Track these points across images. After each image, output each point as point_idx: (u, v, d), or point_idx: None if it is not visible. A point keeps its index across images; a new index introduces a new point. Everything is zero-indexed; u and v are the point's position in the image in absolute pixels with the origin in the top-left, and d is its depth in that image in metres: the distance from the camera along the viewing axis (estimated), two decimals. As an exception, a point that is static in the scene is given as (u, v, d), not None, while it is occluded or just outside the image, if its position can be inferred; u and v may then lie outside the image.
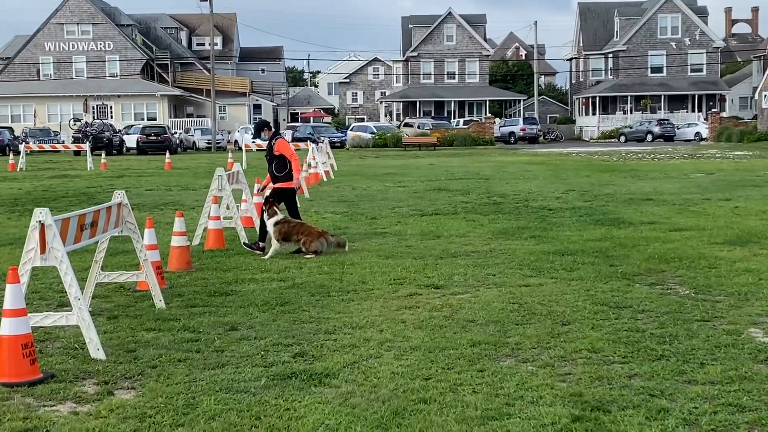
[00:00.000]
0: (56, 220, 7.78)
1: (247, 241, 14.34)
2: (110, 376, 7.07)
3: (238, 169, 16.69)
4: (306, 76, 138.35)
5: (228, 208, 15.01)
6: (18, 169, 39.32)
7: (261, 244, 13.65)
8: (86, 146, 43.86)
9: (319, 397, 6.44)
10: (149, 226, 11.16)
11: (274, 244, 13.34)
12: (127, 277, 10.11)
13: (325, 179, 30.17)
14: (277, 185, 14.41)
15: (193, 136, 71.48)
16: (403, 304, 9.64)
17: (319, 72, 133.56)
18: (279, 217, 13.51)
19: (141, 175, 35.44)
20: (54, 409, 6.33)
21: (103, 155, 43.39)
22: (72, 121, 74.66)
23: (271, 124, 14.96)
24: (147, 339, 8.26)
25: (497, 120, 78.73)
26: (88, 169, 39.76)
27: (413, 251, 13.50)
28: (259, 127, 14.84)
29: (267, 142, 14.72)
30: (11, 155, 42.37)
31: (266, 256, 13.14)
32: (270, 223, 13.47)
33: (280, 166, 14.34)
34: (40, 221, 7.57)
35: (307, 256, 13.04)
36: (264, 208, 13.83)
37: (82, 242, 8.57)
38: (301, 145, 41.28)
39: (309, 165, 28.86)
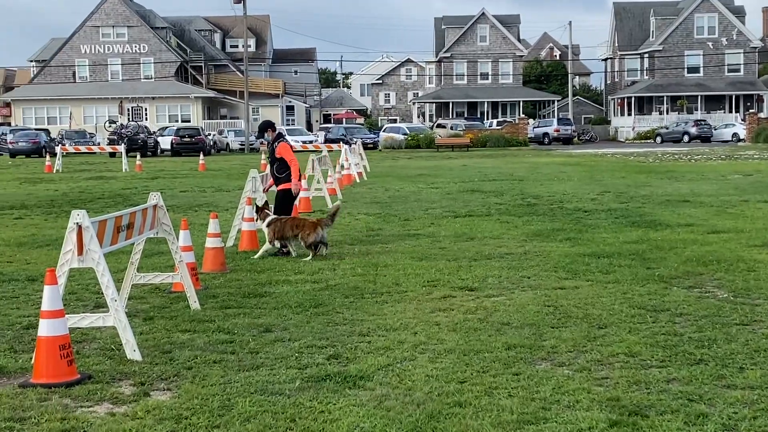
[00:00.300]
0: (93, 222, 7.84)
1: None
2: (146, 377, 7.11)
3: (269, 172, 16.69)
4: (338, 77, 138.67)
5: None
6: (54, 171, 39.72)
7: (284, 249, 13.65)
8: (121, 148, 44.18)
9: (354, 399, 6.43)
10: (184, 227, 11.21)
11: (266, 245, 13.45)
12: (162, 279, 10.16)
13: (357, 180, 30.19)
14: (281, 186, 14.52)
15: (226, 137, 71.84)
16: (437, 307, 9.61)
17: (351, 73, 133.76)
18: (271, 217, 13.58)
19: (175, 176, 35.65)
20: (91, 410, 6.36)
21: (138, 157, 43.71)
22: (107, 123, 75.33)
23: (276, 126, 15.00)
24: (182, 340, 8.29)
25: (531, 121, 78.37)
26: (123, 170, 40.08)
27: (447, 253, 13.45)
28: (263, 128, 14.97)
29: (270, 144, 14.76)
30: (48, 157, 42.80)
31: (256, 256, 13.24)
32: (263, 225, 13.55)
33: (281, 168, 14.52)
34: (77, 223, 7.62)
35: (305, 259, 12.99)
36: (256, 214, 13.84)
37: (119, 244, 8.62)
38: (334, 146, 41.32)
39: (342, 166, 28.89)
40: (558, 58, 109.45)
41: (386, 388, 6.70)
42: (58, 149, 43.89)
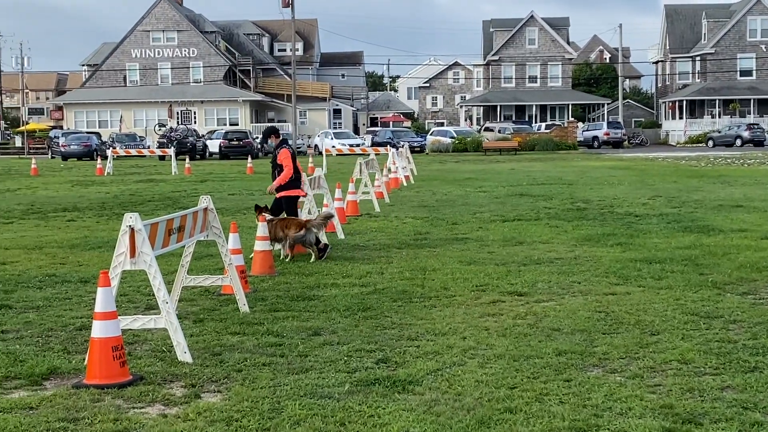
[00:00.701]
0: (145, 224, 7.90)
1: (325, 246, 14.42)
2: (197, 379, 7.15)
3: (320, 173, 16.77)
4: (385, 80, 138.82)
5: (310, 212, 15.08)
6: (105, 174, 40.23)
7: (320, 245, 13.71)
8: (171, 151, 44.61)
9: (403, 404, 6.41)
10: (233, 230, 11.27)
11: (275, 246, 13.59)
12: (212, 281, 10.23)
13: (405, 184, 30.17)
14: (280, 194, 14.47)
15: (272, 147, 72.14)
16: (486, 311, 9.56)
17: (398, 77, 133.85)
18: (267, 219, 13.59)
19: (224, 179, 35.93)
20: (143, 411, 6.41)
21: (187, 160, 44.10)
22: (157, 126, 76.14)
23: (280, 132, 14.94)
24: (232, 343, 8.33)
25: (580, 124, 77.78)
26: (173, 173, 40.47)
27: (495, 257, 13.38)
28: (266, 134, 14.91)
29: (273, 150, 14.73)
30: (99, 160, 43.36)
31: (287, 259, 13.39)
32: None
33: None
34: (130, 226, 7.69)
35: (311, 261, 13.17)
36: (256, 215, 13.93)
37: (170, 246, 8.69)
38: (381, 149, 41.34)
39: (389, 170, 28.89)
40: (608, 60, 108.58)
41: (436, 392, 6.67)
42: (109, 152, 44.42)
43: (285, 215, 14.28)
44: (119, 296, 10.50)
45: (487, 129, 72.79)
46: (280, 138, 14.71)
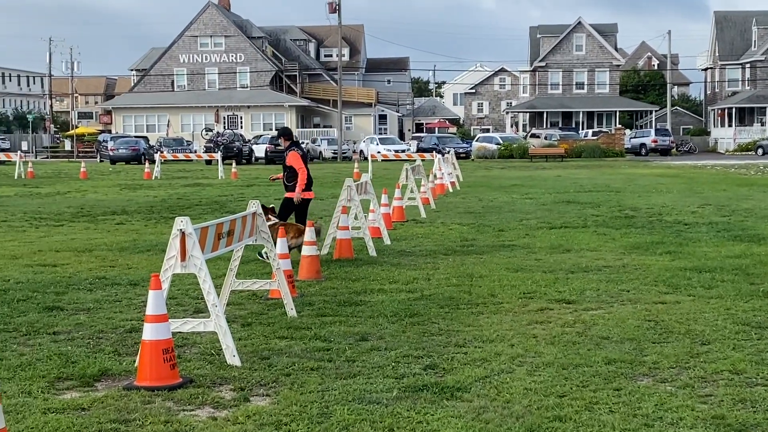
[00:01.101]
0: (196, 228, 7.96)
1: (374, 252, 14.45)
2: (246, 382, 7.19)
3: (367, 179, 16.79)
4: (431, 86, 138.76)
5: (356, 218, 15.11)
6: (153, 178, 40.64)
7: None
8: (218, 156, 44.97)
9: (452, 410, 6.39)
10: (281, 235, 11.32)
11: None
12: (260, 285, 10.28)
13: (450, 190, 30.12)
14: (286, 194, 14.62)
15: (319, 146, 72.50)
16: (534, 319, 9.51)
17: (444, 82, 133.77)
18: (270, 222, 13.59)
19: (270, 184, 36.07)
20: (193, 414, 6.47)
21: (234, 164, 44.41)
22: (204, 131, 76.77)
23: (292, 135, 15.00)
24: (280, 347, 8.37)
25: (627, 131, 77.10)
26: (219, 177, 40.79)
27: (543, 265, 13.31)
28: (278, 135, 15.08)
29: (284, 151, 14.80)
30: (147, 164, 43.82)
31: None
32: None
33: (290, 177, 14.52)
34: (181, 230, 7.75)
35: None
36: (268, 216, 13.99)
37: (219, 250, 8.75)
38: (427, 155, 41.31)
39: (434, 176, 28.86)
40: (656, 67, 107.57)
41: (484, 400, 6.65)
42: (157, 156, 44.88)
43: (294, 216, 14.42)
44: (168, 299, 10.60)
45: (533, 135, 72.44)
46: (292, 140, 14.79)
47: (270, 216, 13.83)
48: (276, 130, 14.76)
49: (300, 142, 14.92)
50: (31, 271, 13.01)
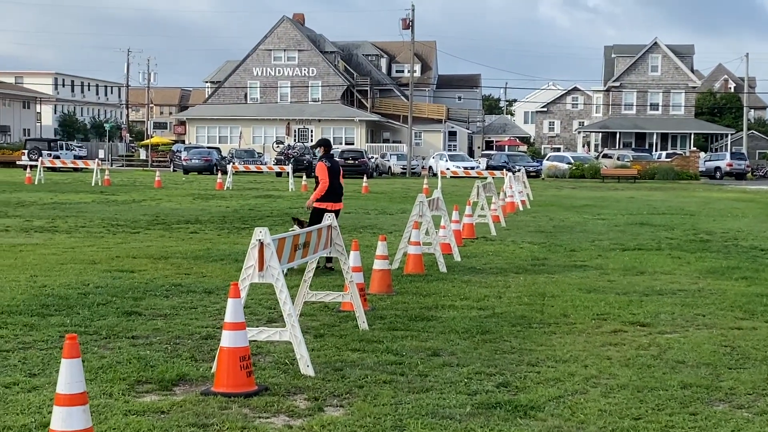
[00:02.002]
0: (274, 239, 8.08)
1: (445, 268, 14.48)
2: (320, 392, 7.27)
3: (438, 195, 16.83)
4: (502, 104, 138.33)
5: (428, 233, 15.15)
6: (225, 188, 41.16)
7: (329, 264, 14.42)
8: (288, 168, 45.37)
9: (525, 429, 6.39)
10: (355, 248, 11.41)
11: None
12: (333, 297, 10.38)
13: (521, 208, 29.98)
14: (315, 205, 14.96)
15: (388, 161, 72.71)
16: (608, 341, 9.43)
17: (515, 100, 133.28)
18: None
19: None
20: (269, 421, 6.56)
21: (304, 177, 44.78)
22: (275, 143, 77.53)
23: (330, 145, 15.30)
24: (352, 359, 8.44)
25: (702, 154, 75.88)
26: (290, 190, 41.16)
27: (616, 286, 13.19)
28: (316, 145, 15.45)
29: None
30: (219, 174, 44.42)
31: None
32: None
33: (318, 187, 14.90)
34: (259, 240, 7.88)
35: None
36: (295, 227, 14.39)
37: (295, 261, 8.87)
38: (497, 173, 41.17)
39: (505, 194, 28.77)
40: (732, 90, 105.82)
41: (558, 420, 6.63)
42: (229, 167, 45.45)
43: (305, 223, 14.74)
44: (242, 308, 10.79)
45: (605, 156, 71.69)
46: (326, 152, 14.99)
47: (300, 225, 14.32)
48: (319, 141, 15.18)
49: (333, 155, 15.34)
50: (109, 276, 13.30)
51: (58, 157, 56.89)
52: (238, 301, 7.34)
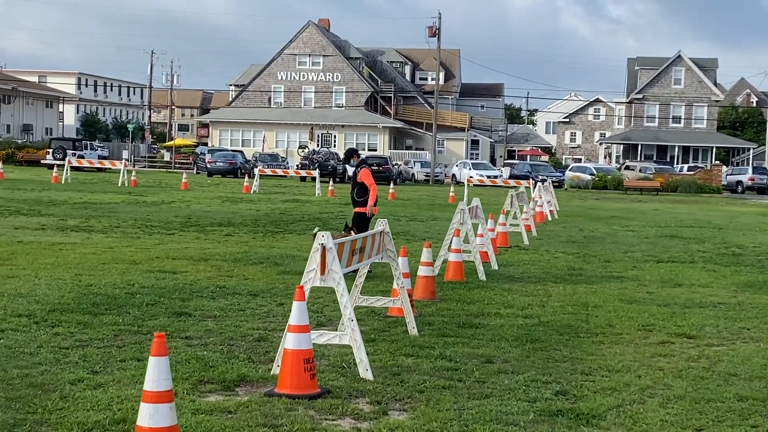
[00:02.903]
0: (334, 243, 8.17)
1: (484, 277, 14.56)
2: (381, 396, 7.36)
3: (477, 203, 16.91)
4: (523, 114, 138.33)
5: (466, 241, 15.23)
6: (252, 192, 41.32)
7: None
8: (315, 173, 45.49)
9: (590, 437, 6.46)
10: (403, 254, 11.49)
11: None
12: (384, 303, 10.47)
13: (549, 218, 30.00)
14: (357, 209, 15.51)
15: (412, 168, 72.82)
16: (657, 352, 9.49)
17: (536, 110, 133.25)
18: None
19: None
20: (335, 423, 6.65)
21: (331, 182, 44.92)
22: (300, 148, 77.69)
23: (360, 153, 16.17)
24: (408, 364, 8.53)
25: (724, 168, 75.60)
26: (316, 195, 41.31)
27: (656, 298, 13.24)
28: (349, 155, 16.15)
29: (353, 169, 15.85)
30: (246, 178, 44.62)
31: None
32: None
33: (360, 193, 15.51)
34: (322, 244, 7.98)
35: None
36: (344, 233, 14.60)
37: (352, 266, 8.97)
38: (523, 182, 41.19)
39: (534, 203, 28.79)
40: (755, 104, 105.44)
41: (621, 429, 6.70)
42: (256, 171, 45.62)
43: (355, 229, 14.92)
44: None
45: (627, 168, 71.59)
46: (360, 158, 15.89)
47: (352, 232, 14.45)
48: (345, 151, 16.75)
49: (366, 159, 15.94)
50: (153, 276, 13.45)
51: (82, 157, 57.25)
52: (303, 304, 7.44)
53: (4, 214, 23.37)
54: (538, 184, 31.23)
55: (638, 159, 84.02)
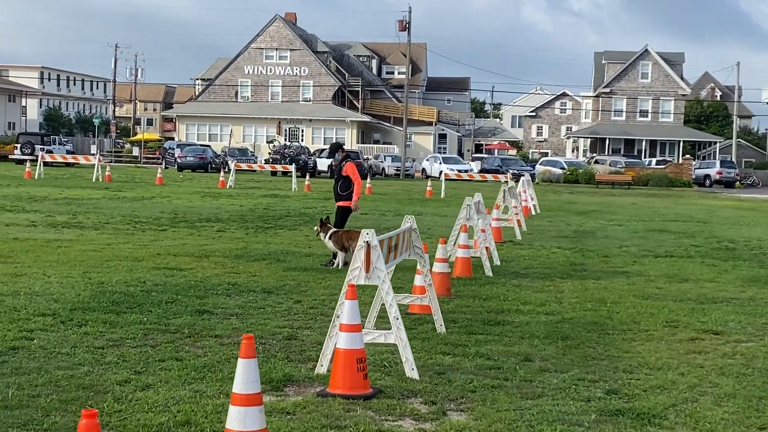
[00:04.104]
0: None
1: (490, 273, 14.50)
2: (434, 396, 7.26)
3: (479, 198, 16.83)
4: (487, 107, 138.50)
5: (471, 236, 15.15)
6: (228, 186, 40.93)
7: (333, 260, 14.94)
8: (292, 168, 45.16)
9: (657, 436, 6.40)
10: (426, 251, 11.37)
11: (339, 254, 14.64)
12: (411, 300, 10.36)
13: (533, 213, 30.03)
14: (340, 203, 15.79)
15: (382, 162, 72.68)
16: (690, 349, 9.47)
17: (500, 104, 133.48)
18: (331, 230, 14.75)
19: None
20: (397, 425, 6.54)
21: (308, 177, 44.65)
22: (272, 143, 77.02)
23: (344, 147, 16.65)
24: (448, 363, 8.43)
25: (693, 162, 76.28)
26: (293, 189, 41.02)
27: (667, 294, 13.24)
28: (334, 149, 16.64)
29: (338, 163, 16.19)
30: (221, 173, 44.24)
31: (338, 267, 14.40)
32: (326, 238, 14.77)
33: (344, 186, 15.78)
34: (367, 242, 7.85)
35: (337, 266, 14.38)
36: (318, 229, 15.01)
37: (389, 264, 8.83)
38: (501, 177, 41.23)
39: (520, 197, 28.76)
40: (719, 98, 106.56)
41: (685, 429, 6.65)
42: (231, 166, 45.22)
43: (329, 224, 15.11)
44: (330, 309, 10.77)
45: (596, 162, 72.02)
46: (345, 153, 16.31)
47: (328, 226, 14.90)
48: (329, 145, 17.47)
49: (349, 154, 16.09)
50: (161, 273, 13.22)
51: (51, 152, 56.48)
52: (354, 302, 7.31)
53: (-13, 210, 22.95)
54: (522, 178, 31.24)
55: (606, 153, 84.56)
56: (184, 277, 13.05)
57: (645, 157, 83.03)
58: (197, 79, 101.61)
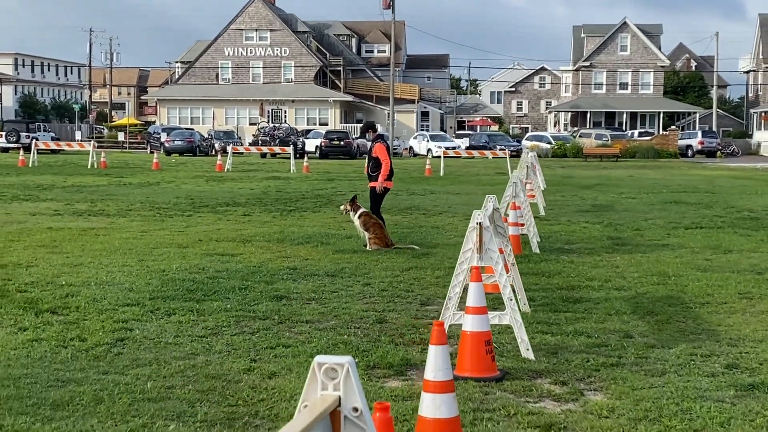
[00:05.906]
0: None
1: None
2: (560, 376, 7.25)
3: (535, 160, 16.79)
4: (463, 83, 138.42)
5: (522, 215, 15.12)
6: (225, 170, 40.59)
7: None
8: (290, 149, 44.85)
9: (801, 409, 6.42)
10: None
11: (363, 234, 14.64)
12: (494, 280, 10.30)
13: (542, 188, 30.00)
14: (371, 184, 15.65)
15: (369, 141, 72.44)
16: (777, 319, 9.52)
17: (476, 80, 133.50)
18: (361, 210, 14.79)
19: (346, 178, 36.17)
20: (541, 406, 6.52)
21: (306, 158, 44.42)
22: (260, 125, 76.44)
23: (377, 127, 16.43)
24: (555, 342, 8.42)
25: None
26: (291, 171, 40.80)
27: (720, 265, 13.29)
28: (365, 129, 16.45)
29: (370, 143, 16.12)
30: (219, 156, 43.92)
31: (368, 247, 14.42)
32: (355, 217, 14.80)
33: (374, 167, 15.56)
34: (479, 223, 7.80)
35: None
36: (349, 207, 15.09)
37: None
38: (499, 153, 41.25)
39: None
40: (695, 69, 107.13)
41: (825, 399, 6.67)
42: (229, 149, 44.86)
43: (369, 204, 15.25)
44: (422, 290, 10.72)
45: (581, 135, 72.23)
46: (377, 133, 16.05)
47: (357, 205, 14.90)
48: (359, 124, 17.47)
49: (383, 135, 15.90)
50: (216, 260, 13.10)
51: (36, 139, 55.85)
52: (480, 285, 7.27)
53: (3, 200, 22.65)
54: (532, 153, 31.17)
55: (587, 126, 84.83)
56: (240, 262, 12.94)
57: (626, 129, 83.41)
58: (177, 62, 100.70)
